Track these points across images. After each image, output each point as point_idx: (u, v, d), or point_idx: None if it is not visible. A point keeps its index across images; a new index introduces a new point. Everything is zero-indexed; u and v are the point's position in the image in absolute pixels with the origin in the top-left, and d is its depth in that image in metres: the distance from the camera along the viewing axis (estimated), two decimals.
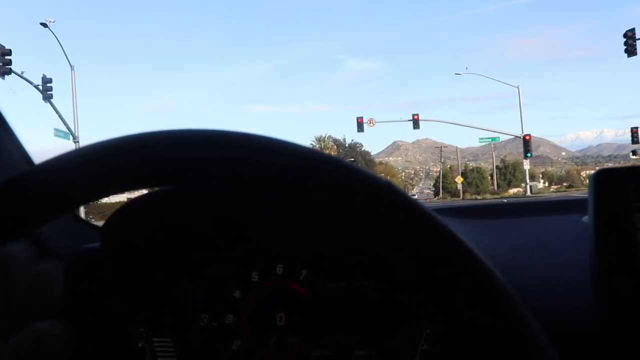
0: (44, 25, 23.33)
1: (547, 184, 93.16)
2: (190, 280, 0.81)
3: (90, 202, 0.47)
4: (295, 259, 0.80)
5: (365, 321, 0.75)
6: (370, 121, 36.84)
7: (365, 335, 0.75)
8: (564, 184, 79.70)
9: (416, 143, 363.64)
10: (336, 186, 0.45)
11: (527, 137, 32.11)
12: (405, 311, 0.74)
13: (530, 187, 37.64)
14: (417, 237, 0.44)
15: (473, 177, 77.49)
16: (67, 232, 0.96)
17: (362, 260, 0.76)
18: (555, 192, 56.19)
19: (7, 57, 19.36)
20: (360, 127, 33.87)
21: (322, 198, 0.45)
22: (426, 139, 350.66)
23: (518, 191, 56.65)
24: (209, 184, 0.49)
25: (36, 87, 22.17)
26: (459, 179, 55.34)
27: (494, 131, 37.78)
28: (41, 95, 22.14)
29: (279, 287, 0.79)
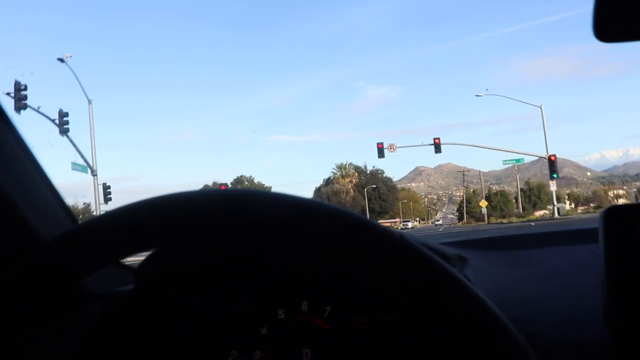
0: (61, 60, 23.54)
1: (573, 205, 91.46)
2: (219, 319, 0.84)
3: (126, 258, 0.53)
4: (320, 296, 0.82)
5: (387, 355, 0.78)
6: (391, 147, 36.45)
7: None
8: (591, 205, 78.05)
9: (438, 168, 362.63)
10: (349, 239, 0.50)
11: (553, 158, 31.38)
12: (426, 345, 0.76)
13: (558, 209, 36.75)
14: (425, 285, 0.49)
15: (497, 201, 76.46)
16: (103, 273, 1.00)
17: (383, 296, 0.77)
18: (583, 213, 54.79)
19: (22, 93, 19.46)
20: (381, 152, 33.57)
21: (340, 247, 0.50)
22: (448, 163, 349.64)
23: (545, 213, 55.53)
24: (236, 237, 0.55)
25: (53, 121, 22.28)
26: (483, 203, 54.45)
27: (518, 152, 37.06)
28: (58, 130, 22.12)
29: (305, 323, 0.82)
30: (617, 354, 0.71)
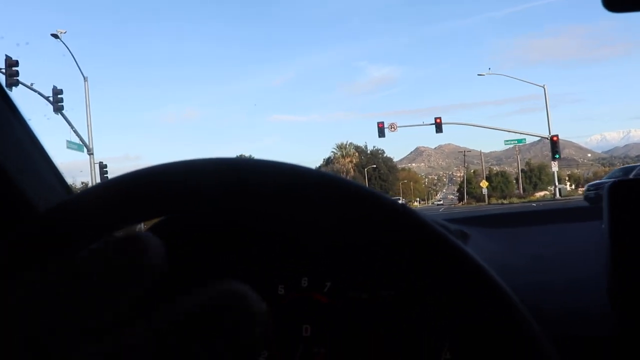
0: (55, 36, 22.99)
1: (574, 187, 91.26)
2: None
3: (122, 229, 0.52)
4: (320, 272, 0.83)
5: (388, 330, 0.79)
6: (392, 126, 36.10)
7: (389, 344, 0.78)
8: None
9: (439, 148, 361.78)
10: (354, 208, 0.50)
11: (555, 138, 31.02)
12: (428, 320, 0.77)
13: (560, 190, 36.44)
14: (429, 256, 0.49)
15: (498, 182, 76.24)
16: None
17: (384, 271, 0.79)
18: (583, 194, 54.46)
19: (14, 69, 18.93)
20: (381, 132, 33.20)
21: (341, 219, 0.50)
22: (449, 144, 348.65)
23: (545, 194, 55.22)
24: (242, 208, 0.54)
25: (47, 98, 21.80)
26: (484, 184, 54.12)
27: (520, 133, 36.66)
28: (52, 107, 21.67)
29: (304, 299, 0.83)
30: (618, 323, 0.72)
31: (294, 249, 0.84)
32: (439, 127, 32.57)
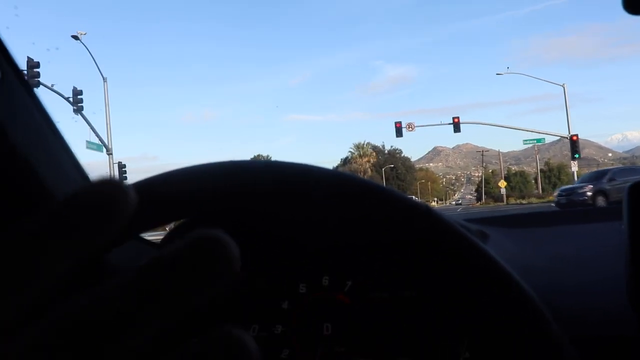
0: (76, 37, 23.24)
1: None
2: (241, 293, 0.86)
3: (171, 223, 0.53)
4: (341, 271, 0.84)
5: (408, 330, 0.79)
6: (410, 126, 35.93)
7: (408, 343, 0.78)
8: None
9: (457, 148, 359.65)
10: (378, 209, 0.49)
11: (575, 137, 30.62)
12: (447, 320, 0.77)
13: None
14: (452, 256, 0.48)
15: (516, 182, 75.66)
16: (124, 247, 0.98)
17: (405, 271, 0.80)
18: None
19: (35, 70, 19.22)
20: (398, 132, 33.09)
21: (365, 219, 0.49)
22: (467, 143, 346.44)
23: None
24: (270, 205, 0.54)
25: (67, 99, 22.07)
26: (502, 184, 53.72)
27: (539, 132, 36.33)
28: (72, 108, 21.94)
29: (326, 298, 0.84)
30: (638, 323, 0.72)
31: (315, 248, 0.84)
32: (457, 126, 32.38)
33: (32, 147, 0.85)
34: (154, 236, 0.99)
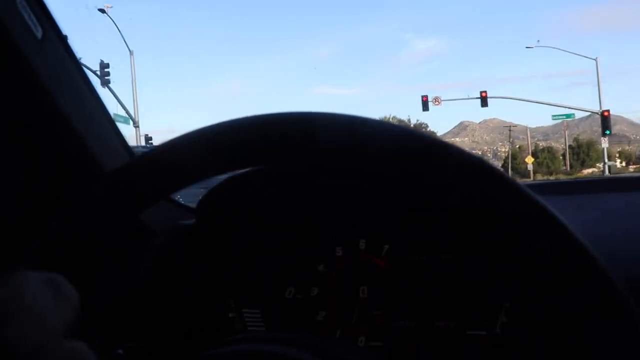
0: (102, 11, 23.37)
1: (624, 164, 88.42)
2: (277, 256, 0.86)
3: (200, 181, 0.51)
4: (378, 234, 0.82)
5: (445, 293, 0.77)
6: (436, 99, 35.52)
7: (446, 307, 0.77)
8: None
9: (483, 123, 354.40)
10: (426, 163, 0.45)
11: (606, 113, 29.95)
12: (485, 283, 0.75)
13: (609, 167, 35.37)
14: (505, 211, 0.45)
15: (544, 158, 74.47)
16: (163, 212, 1.02)
17: (443, 233, 0.77)
18: (635, 171, 52.82)
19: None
20: (425, 105, 32.73)
21: (410, 175, 0.46)
22: (494, 118, 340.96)
23: (593, 172, 53.74)
24: (303, 163, 0.52)
25: (94, 72, 22.25)
26: (529, 159, 52.95)
27: (569, 107, 35.57)
28: (99, 81, 22.14)
29: (362, 261, 0.82)
30: None
31: (352, 211, 0.82)
32: (484, 101, 31.91)
33: (75, 111, 0.86)
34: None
